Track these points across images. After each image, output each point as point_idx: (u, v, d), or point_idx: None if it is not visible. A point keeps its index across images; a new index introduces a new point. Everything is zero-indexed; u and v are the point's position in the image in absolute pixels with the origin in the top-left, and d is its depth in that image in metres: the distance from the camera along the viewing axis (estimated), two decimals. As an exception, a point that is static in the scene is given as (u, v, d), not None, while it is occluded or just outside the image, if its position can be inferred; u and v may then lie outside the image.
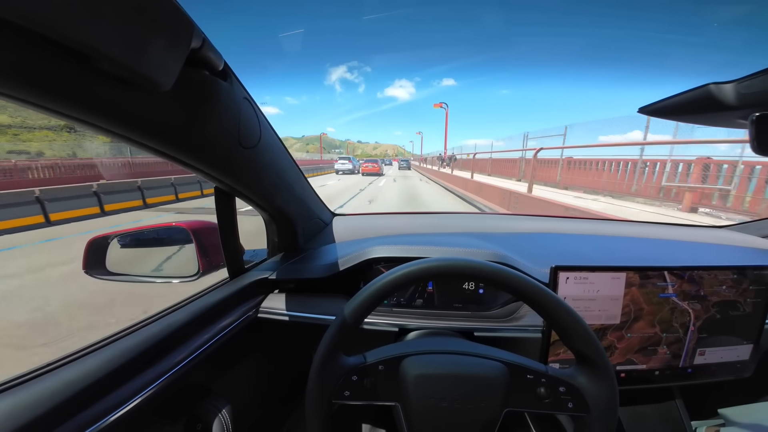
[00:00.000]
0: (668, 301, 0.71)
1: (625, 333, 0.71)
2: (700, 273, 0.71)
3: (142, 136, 0.44)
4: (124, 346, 0.53)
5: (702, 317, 0.72)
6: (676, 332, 0.72)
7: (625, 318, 0.70)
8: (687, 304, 0.72)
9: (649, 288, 0.70)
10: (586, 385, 0.49)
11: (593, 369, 0.48)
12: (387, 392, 0.50)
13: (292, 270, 0.90)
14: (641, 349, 0.72)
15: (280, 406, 1.03)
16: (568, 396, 0.49)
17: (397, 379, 0.50)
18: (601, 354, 0.47)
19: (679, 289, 0.71)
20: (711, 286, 0.72)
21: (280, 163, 0.78)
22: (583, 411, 0.48)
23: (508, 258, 0.83)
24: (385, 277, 0.49)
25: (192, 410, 0.63)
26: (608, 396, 0.48)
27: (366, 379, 0.49)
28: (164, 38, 0.34)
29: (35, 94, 0.31)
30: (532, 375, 0.50)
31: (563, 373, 0.50)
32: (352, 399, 0.49)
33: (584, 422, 0.49)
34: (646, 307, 0.71)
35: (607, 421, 0.48)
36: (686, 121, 0.53)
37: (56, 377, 0.45)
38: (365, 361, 0.50)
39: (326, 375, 0.48)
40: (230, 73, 0.52)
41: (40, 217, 7.36)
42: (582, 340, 0.48)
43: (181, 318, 0.63)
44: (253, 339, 0.83)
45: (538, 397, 0.49)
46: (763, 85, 0.38)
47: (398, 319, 0.81)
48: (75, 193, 8.34)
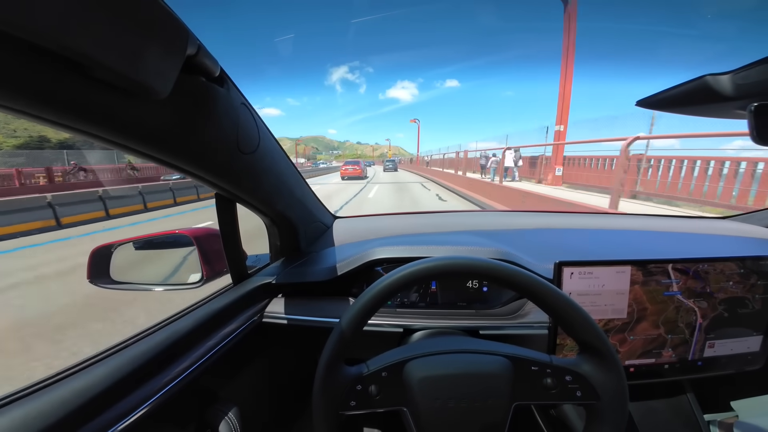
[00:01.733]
0: (673, 299, 0.69)
1: (628, 335, 0.69)
2: (706, 268, 0.69)
3: (139, 144, 0.44)
4: (131, 354, 0.53)
5: (709, 316, 0.70)
6: (682, 333, 0.70)
7: (627, 319, 0.68)
8: (693, 302, 0.69)
9: (652, 285, 0.68)
10: (592, 372, 0.49)
11: (597, 357, 0.48)
12: (393, 398, 0.49)
13: (295, 274, 0.90)
14: (645, 353, 0.70)
15: (287, 409, 1.03)
16: (576, 385, 0.49)
17: (401, 384, 0.50)
18: (603, 340, 0.48)
19: (683, 286, 0.69)
20: (717, 282, 0.69)
21: (279, 167, 0.78)
22: (593, 399, 0.48)
23: (511, 255, 0.83)
24: (378, 285, 0.50)
25: (201, 416, 0.63)
26: (616, 382, 0.48)
27: (371, 387, 0.49)
28: (159, 46, 0.34)
29: (30, 104, 0.31)
30: (536, 366, 0.50)
31: (568, 362, 0.50)
32: (358, 408, 0.48)
33: (595, 411, 0.49)
34: (649, 307, 0.69)
35: (619, 407, 0.48)
36: (684, 113, 0.53)
37: (65, 387, 0.45)
38: (368, 369, 0.50)
39: (330, 388, 0.48)
40: (227, 79, 0.52)
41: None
42: (583, 329, 0.48)
43: (186, 325, 0.63)
44: (259, 344, 0.83)
45: (545, 387, 0.49)
46: (760, 75, 0.38)
47: (402, 319, 0.81)
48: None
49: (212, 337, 0.67)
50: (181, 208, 11.20)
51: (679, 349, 0.71)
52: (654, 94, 0.50)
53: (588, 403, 0.49)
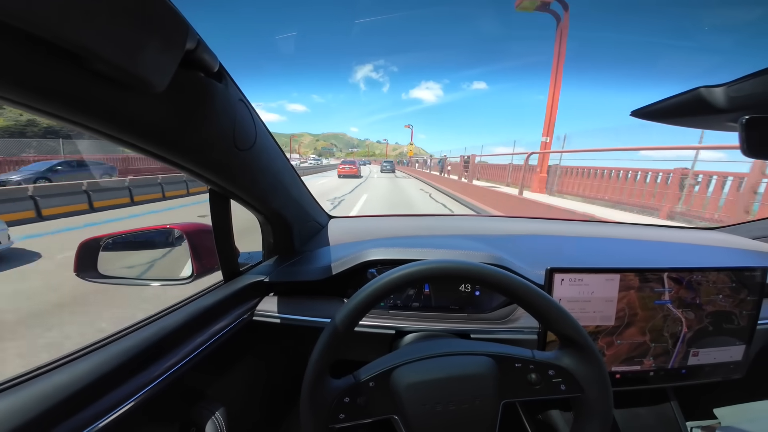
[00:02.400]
0: (663, 308, 0.71)
1: (616, 339, 0.71)
2: (699, 279, 0.70)
3: (135, 137, 0.43)
4: (116, 350, 0.52)
5: (694, 328, 0.72)
6: (665, 342, 0.71)
7: (618, 323, 0.70)
8: (681, 312, 0.71)
9: (646, 292, 0.69)
10: (574, 366, 0.50)
11: (577, 350, 0.49)
12: (382, 407, 0.49)
13: (288, 273, 0.90)
14: (628, 359, 0.72)
15: (275, 409, 1.02)
16: (559, 378, 0.50)
17: (389, 392, 0.49)
18: (580, 333, 0.49)
19: (675, 296, 0.70)
20: (708, 294, 0.71)
21: (275, 165, 0.78)
22: (577, 391, 0.49)
23: (504, 260, 0.83)
24: (369, 287, 0.50)
25: (186, 414, 0.62)
26: (598, 374, 0.49)
27: (359, 398, 0.49)
28: (159, 39, 0.34)
29: (26, 95, 0.31)
30: (520, 363, 0.51)
31: (549, 356, 0.51)
32: (348, 420, 0.48)
33: (581, 404, 0.50)
34: (640, 312, 0.70)
35: (603, 398, 0.48)
36: (677, 125, 0.54)
37: (47, 381, 0.44)
38: (354, 380, 0.50)
39: (317, 402, 0.47)
40: (225, 74, 0.52)
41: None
42: (560, 323, 0.49)
43: (174, 321, 0.62)
44: (249, 342, 0.82)
45: (530, 383, 0.50)
46: (753, 88, 0.39)
47: (395, 321, 0.80)
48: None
49: (201, 334, 0.66)
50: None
51: (660, 359, 0.72)
52: (648, 105, 0.51)
53: (573, 397, 0.50)
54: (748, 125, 0.41)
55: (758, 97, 0.38)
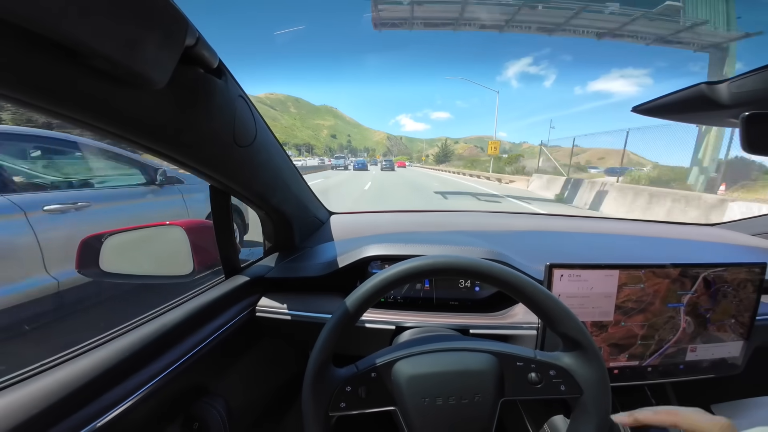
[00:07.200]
0: (676, 310, 0.71)
1: (625, 320, 0.70)
2: (725, 291, 0.70)
3: (135, 134, 0.43)
4: (118, 346, 0.52)
5: (693, 332, 0.72)
6: (648, 347, 0.72)
7: (634, 305, 0.69)
8: (684, 321, 0.71)
9: (677, 286, 0.69)
10: (575, 366, 0.49)
11: (579, 350, 0.49)
12: (382, 398, 0.50)
13: (289, 269, 0.90)
14: (615, 345, 0.72)
15: (277, 404, 1.03)
16: (560, 379, 0.49)
17: (391, 384, 0.50)
18: (583, 333, 0.48)
19: (695, 300, 0.70)
20: (723, 296, 0.70)
21: (275, 161, 0.78)
22: (576, 393, 0.49)
23: (504, 256, 0.83)
24: (369, 283, 0.50)
25: (189, 409, 0.63)
26: (598, 375, 0.49)
27: (360, 388, 0.49)
28: (158, 35, 0.34)
29: (25, 92, 0.30)
30: (521, 362, 0.51)
31: (551, 356, 0.51)
32: (348, 410, 0.49)
33: (580, 405, 0.50)
34: (657, 304, 0.70)
35: (602, 400, 0.48)
36: (679, 120, 0.54)
37: (50, 377, 0.44)
38: (357, 370, 0.50)
39: (319, 390, 0.48)
40: (225, 70, 0.52)
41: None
42: (563, 322, 0.49)
43: (175, 317, 0.62)
44: (250, 338, 0.83)
45: (530, 383, 0.50)
46: (753, 85, 0.39)
47: (395, 316, 0.81)
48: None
49: (202, 330, 0.66)
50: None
51: (632, 360, 0.72)
52: (650, 100, 0.51)
53: (572, 398, 0.50)
54: (748, 121, 0.41)
55: (759, 93, 0.38)
